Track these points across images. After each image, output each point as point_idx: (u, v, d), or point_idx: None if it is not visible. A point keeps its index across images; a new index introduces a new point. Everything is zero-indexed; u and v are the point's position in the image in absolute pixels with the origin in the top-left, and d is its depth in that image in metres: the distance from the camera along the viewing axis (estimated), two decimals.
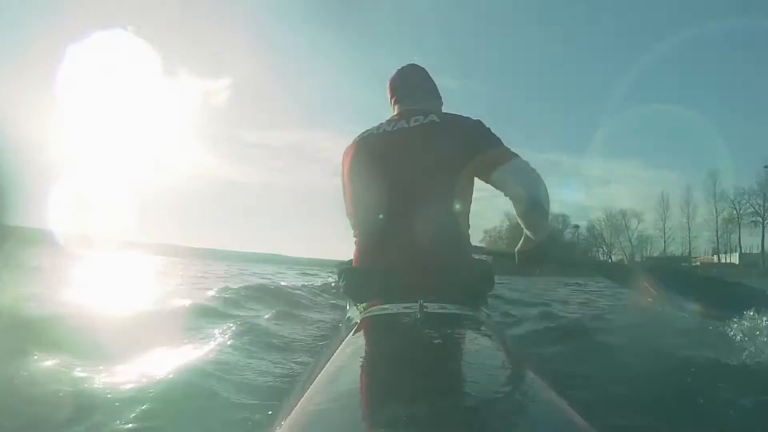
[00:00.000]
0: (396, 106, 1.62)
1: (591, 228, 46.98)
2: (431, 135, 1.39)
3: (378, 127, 1.50)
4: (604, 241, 46.62)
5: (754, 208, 37.05)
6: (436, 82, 1.67)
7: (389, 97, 1.66)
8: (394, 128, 1.44)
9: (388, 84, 1.67)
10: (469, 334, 0.94)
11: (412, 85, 1.63)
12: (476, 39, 75.19)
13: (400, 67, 1.69)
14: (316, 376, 0.74)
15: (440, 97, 1.67)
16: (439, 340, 0.82)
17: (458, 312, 1.05)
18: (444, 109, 1.63)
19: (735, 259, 38.64)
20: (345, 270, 1.47)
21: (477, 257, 1.60)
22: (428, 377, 0.64)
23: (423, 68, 1.69)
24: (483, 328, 0.99)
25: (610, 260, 44.99)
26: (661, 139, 60.64)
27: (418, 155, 1.37)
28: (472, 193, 1.44)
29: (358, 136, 1.54)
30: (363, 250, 1.43)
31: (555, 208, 48.21)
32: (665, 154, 64.61)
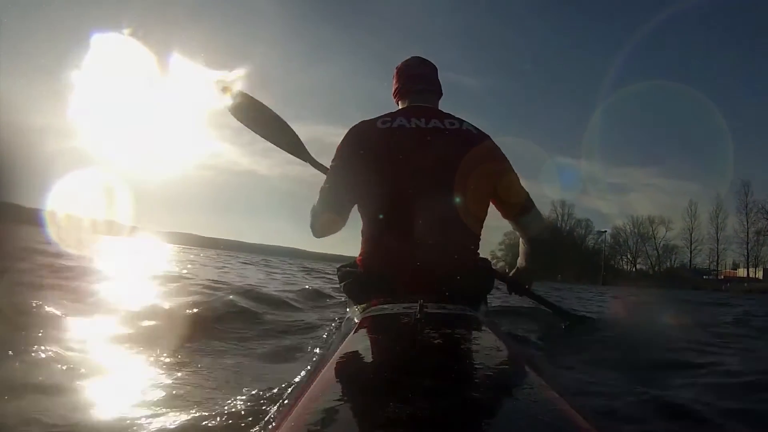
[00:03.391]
0: (409, 98, 1.58)
1: (616, 235, 46.01)
2: (465, 145, 1.41)
3: (408, 119, 1.44)
4: (629, 249, 45.63)
5: None
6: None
7: (399, 85, 1.61)
8: (428, 125, 1.42)
9: (401, 71, 1.62)
10: (470, 334, 0.95)
11: (429, 81, 1.61)
12: (497, 33, 73.86)
13: (413, 57, 1.66)
14: (316, 375, 0.75)
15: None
16: (438, 340, 0.83)
17: (458, 312, 1.07)
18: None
19: (760, 274, 37.29)
20: (345, 270, 1.46)
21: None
22: (428, 377, 0.64)
23: (433, 64, 1.67)
24: (483, 327, 1.00)
25: (634, 269, 43.92)
26: (684, 150, 59.49)
27: (445, 159, 1.37)
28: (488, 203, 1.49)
29: (380, 122, 1.45)
30: (367, 248, 1.41)
31: (577, 213, 47.43)
32: (686, 164, 62.92)
